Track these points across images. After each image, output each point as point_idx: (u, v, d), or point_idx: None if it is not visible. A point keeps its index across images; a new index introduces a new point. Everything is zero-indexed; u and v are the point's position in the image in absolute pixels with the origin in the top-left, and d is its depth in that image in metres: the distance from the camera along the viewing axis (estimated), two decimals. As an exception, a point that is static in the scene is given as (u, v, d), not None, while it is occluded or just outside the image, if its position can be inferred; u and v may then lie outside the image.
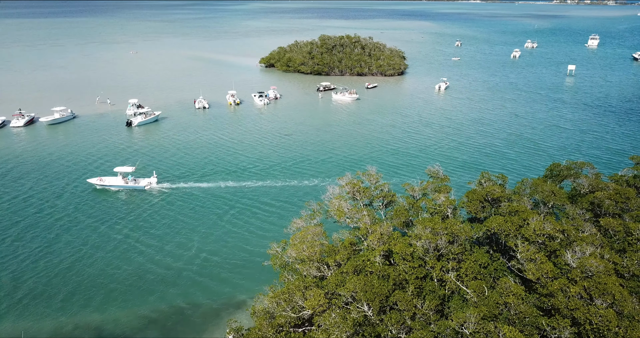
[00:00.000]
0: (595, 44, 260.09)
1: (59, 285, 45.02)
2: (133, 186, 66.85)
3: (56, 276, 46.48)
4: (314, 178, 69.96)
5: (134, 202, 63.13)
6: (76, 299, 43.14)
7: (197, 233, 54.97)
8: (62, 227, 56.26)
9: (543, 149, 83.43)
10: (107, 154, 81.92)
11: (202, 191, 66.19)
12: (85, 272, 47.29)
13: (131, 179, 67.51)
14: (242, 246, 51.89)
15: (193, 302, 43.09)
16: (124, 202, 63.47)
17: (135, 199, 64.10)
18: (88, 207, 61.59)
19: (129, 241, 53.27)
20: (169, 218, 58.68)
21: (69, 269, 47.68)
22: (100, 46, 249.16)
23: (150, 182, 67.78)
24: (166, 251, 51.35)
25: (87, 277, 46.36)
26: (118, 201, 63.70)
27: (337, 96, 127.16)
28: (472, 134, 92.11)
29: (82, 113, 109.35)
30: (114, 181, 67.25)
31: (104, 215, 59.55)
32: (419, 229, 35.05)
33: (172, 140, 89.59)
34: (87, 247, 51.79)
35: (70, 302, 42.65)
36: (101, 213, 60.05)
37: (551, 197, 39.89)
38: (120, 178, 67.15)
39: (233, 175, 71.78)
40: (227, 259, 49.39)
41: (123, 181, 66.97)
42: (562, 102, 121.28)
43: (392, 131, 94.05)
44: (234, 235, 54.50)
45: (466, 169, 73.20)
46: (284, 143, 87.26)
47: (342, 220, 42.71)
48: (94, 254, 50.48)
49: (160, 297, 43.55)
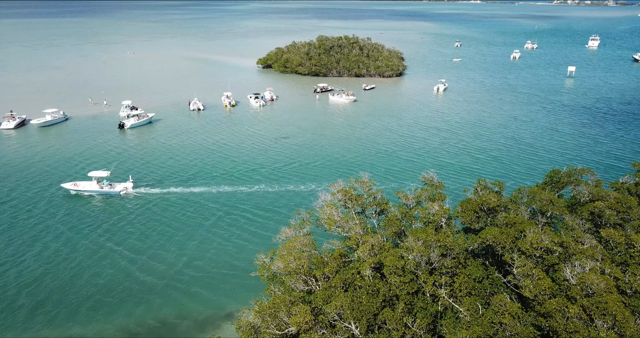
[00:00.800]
0: (595, 44, 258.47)
1: (29, 298, 42.94)
2: (108, 191, 64.75)
3: (27, 287, 44.50)
4: (308, 183, 68.27)
5: (110, 209, 60.99)
6: (44, 313, 41.36)
7: (179, 242, 52.93)
8: (34, 236, 53.85)
9: (542, 153, 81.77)
10: (94, 157, 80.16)
11: (186, 197, 64.04)
12: (54, 284, 45.03)
13: (106, 184, 65.41)
14: (228, 255, 50.05)
15: (176, 315, 41.43)
16: (99, 208, 61.29)
17: (111, 205, 61.91)
18: (61, 214, 59.38)
19: (102, 251, 51.03)
20: (149, 225, 56.50)
21: (39, 281, 45.43)
22: (97, 47, 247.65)
23: (126, 187, 65.63)
24: (145, 261, 49.19)
25: (56, 290, 44.14)
26: (93, 207, 61.50)
27: (334, 98, 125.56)
28: (469, 138, 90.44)
29: (75, 115, 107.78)
30: (88, 186, 65.08)
31: (78, 222, 57.38)
32: (410, 241, 33.42)
33: (163, 143, 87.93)
34: (59, 258, 49.44)
35: (39, 316, 40.88)
36: (75, 220, 57.85)
37: (549, 206, 38.26)
38: (95, 183, 64.96)
39: (222, 180, 69.93)
40: (212, 269, 47.51)
41: (98, 186, 64.83)
42: (561, 105, 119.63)
43: (388, 135, 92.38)
44: (220, 243, 52.59)
45: (463, 174, 71.55)
46: (278, 146, 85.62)
47: (332, 230, 41.07)
48: (67, 265, 48.11)
49: (141, 310, 41.80)
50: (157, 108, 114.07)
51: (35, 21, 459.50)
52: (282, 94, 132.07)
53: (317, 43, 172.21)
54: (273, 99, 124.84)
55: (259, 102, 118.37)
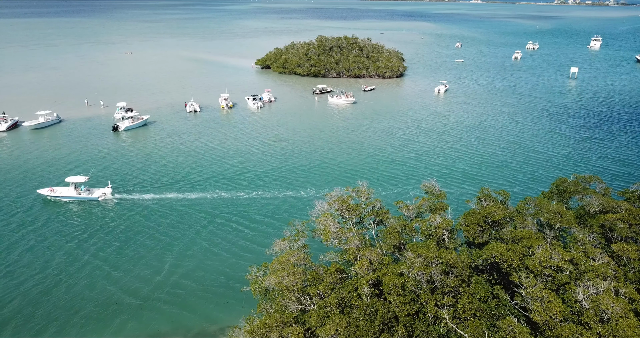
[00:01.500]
0: (597, 45, 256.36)
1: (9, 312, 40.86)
2: (86, 197, 62.30)
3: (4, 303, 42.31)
4: (305, 189, 66.14)
5: (89, 216, 58.39)
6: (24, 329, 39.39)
7: (166, 252, 50.27)
8: (7, 246, 51.00)
9: (545, 158, 79.61)
10: (83, 161, 77.83)
11: (174, 203, 61.60)
12: (29, 299, 42.45)
13: (84, 189, 62.97)
14: (220, 267, 47.63)
15: (166, 331, 39.34)
16: (77, 215, 58.69)
17: (90, 212, 59.31)
18: (36, 222, 56.64)
19: (79, 262, 48.01)
20: (131, 235, 53.85)
21: (15, 295, 43.00)
22: (94, 46, 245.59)
23: (104, 193, 63.10)
24: (129, 274, 46.42)
25: (35, 305, 41.76)
26: (70, 214, 58.88)
27: (333, 99, 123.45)
28: (471, 142, 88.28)
29: (69, 116, 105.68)
30: (65, 192, 62.61)
31: (54, 231, 54.47)
32: (411, 258, 31.37)
33: (156, 146, 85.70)
34: (34, 270, 46.61)
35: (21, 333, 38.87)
36: (50, 229, 54.94)
37: (558, 218, 36.19)
38: (72, 188, 62.57)
39: (214, 185, 67.60)
40: (203, 283, 45.10)
41: (75, 192, 62.42)
42: (564, 107, 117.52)
43: (388, 138, 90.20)
44: (211, 254, 50.07)
45: (465, 180, 69.41)
46: (276, 150, 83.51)
47: (328, 242, 39.06)
48: (43, 279, 45.32)
49: (124, 328, 39.69)
50: (153, 109, 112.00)
51: (34, 21, 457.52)
52: (280, 95, 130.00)
53: (316, 43, 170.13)
54: (271, 100, 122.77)
55: (256, 104, 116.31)
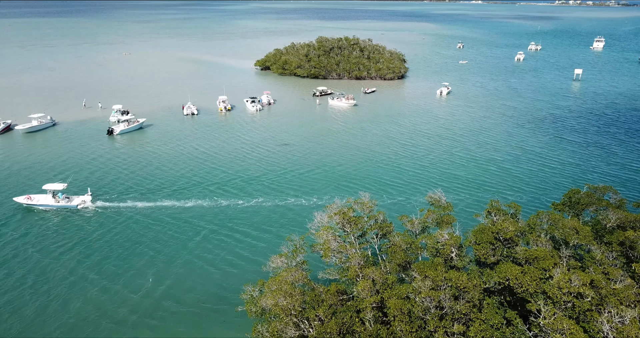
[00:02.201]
0: (600, 46, 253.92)
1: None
2: (64, 205, 59.72)
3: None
4: (304, 197, 63.68)
5: (67, 226, 55.56)
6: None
7: (152, 266, 47.31)
8: None
9: (551, 164, 77.07)
10: (72, 166, 75.21)
11: (162, 212, 58.77)
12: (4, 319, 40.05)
13: (62, 197, 60.40)
14: (212, 284, 44.72)
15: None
16: (55, 225, 55.84)
17: (68, 222, 56.54)
18: (9, 232, 53.90)
19: (52, 281, 44.50)
20: (113, 247, 50.48)
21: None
22: (92, 47, 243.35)
23: (83, 201, 60.46)
24: (108, 292, 43.03)
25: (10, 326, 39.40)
26: (47, 224, 56.01)
27: (334, 102, 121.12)
28: (474, 147, 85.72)
29: (65, 119, 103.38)
30: (43, 200, 60.01)
31: (27, 243, 51.51)
32: (417, 280, 29.04)
33: (149, 150, 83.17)
34: (4, 287, 43.77)
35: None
36: (23, 240, 51.97)
37: (573, 235, 33.86)
38: (50, 196, 60.02)
39: (207, 192, 64.83)
40: (192, 302, 42.24)
41: (53, 200, 59.89)
42: (568, 111, 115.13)
43: (389, 143, 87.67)
44: (203, 269, 47.06)
45: (470, 188, 66.94)
46: (274, 155, 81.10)
47: (328, 260, 36.74)
48: (10, 298, 42.30)
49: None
50: (149, 112, 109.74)
51: (32, 21, 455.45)
52: (280, 97, 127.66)
53: (316, 44, 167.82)
54: (270, 102, 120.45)
55: (255, 106, 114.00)
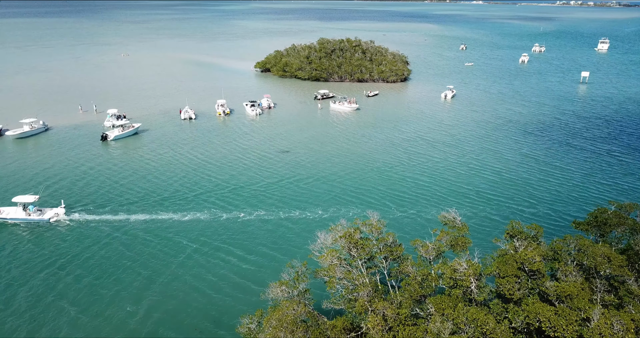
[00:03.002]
0: (605, 48, 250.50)
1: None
2: (35, 219, 56.05)
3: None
4: (306, 210, 60.25)
5: (37, 241, 51.70)
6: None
7: (129, 291, 43.19)
8: None
9: (564, 174, 73.60)
10: (59, 175, 71.59)
11: (146, 227, 54.93)
12: None
13: (34, 210, 56.81)
14: (206, 311, 41.22)
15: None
16: (26, 240, 52.02)
17: (41, 237, 52.63)
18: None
19: (13, 306, 40.83)
20: (90, 268, 46.26)
21: None
22: (91, 48, 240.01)
23: (57, 213, 57.00)
24: (82, 320, 39.30)
25: None
26: (16, 240, 52.10)
27: (336, 106, 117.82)
28: (481, 155, 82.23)
29: (58, 124, 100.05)
30: (13, 213, 56.45)
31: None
32: (436, 321, 25.72)
33: (143, 158, 79.68)
34: None
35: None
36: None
37: (606, 264, 30.54)
38: (20, 209, 56.53)
39: (202, 204, 61.15)
40: (185, 332, 38.77)
41: (24, 213, 56.40)
42: (576, 116, 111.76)
43: (394, 151, 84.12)
44: (195, 294, 43.08)
45: (481, 201, 63.50)
46: (274, 164, 77.68)
47: (334, 290, 33.43)
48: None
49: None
50: (146, 116, 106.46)
51: (31, 21, 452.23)
52: (280, 100, 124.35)
53: (317, 46, 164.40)
54: (270, 106, 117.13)
55: (255, 111, 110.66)
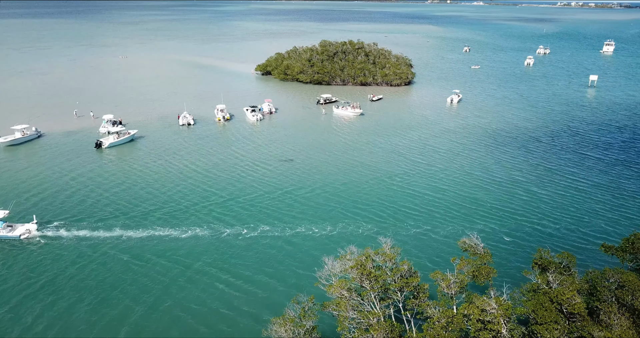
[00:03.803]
0: (610, 50, 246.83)
1: None
2: (5, 236, 52.49)
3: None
4: (310, 225, 56.38)
5: (6, 260, 48.02)
6: None
7: (102, 321, 39.38)
8: None
9: (579, 186, 69.68)
10: (46, 185, 67.94)
11: (131, 244, 51.18)
12: None
13: (3, 226, 53.24)
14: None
15: None
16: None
17: (10, 256, 48.90)
18: None
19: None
20: (64, 292, 42.46)
21: None
22: (89, 50, 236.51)
23: (28, 230, 53.43)
24: None
25: None
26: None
27: (339, 111, 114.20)
28: (493, 166, 78.34)
29: (52, 130, 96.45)
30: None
31: None
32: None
33: (136, 167, 75.88)
34: None
35: None
36: None
37: (654, 304, 26.93)
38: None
39: (194, 220, 57.20)
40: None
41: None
42: (586, 123, 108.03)
43: (400, 161, 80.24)
44: (183, 326, 38.92)
45: (496, 218, 59.62)
46: (275, 174, 73.98)
47: (345, 330, 29.87)
48: None
49: None
50: (142, 122, 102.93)
51: (30, 22, 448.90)
52: (281, 105, 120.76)
53: (319, 48, 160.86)
54: (272, 111, 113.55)
55: (256, 116, 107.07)
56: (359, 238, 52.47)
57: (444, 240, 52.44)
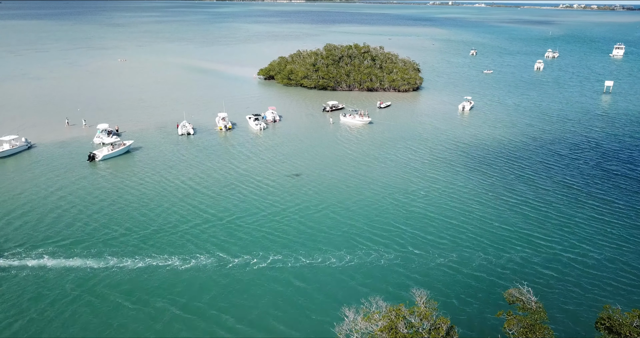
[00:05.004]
0: (620, 53, 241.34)
1: None
2: None
3: None
4: (325, 254, 50.83)
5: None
6: None
7: None
8: None
9: (614, 208, 64.11)
10: (27, 205, 62.25)
11: (115, 277, 45.77)
12: None
13: None
14: None
15: None
16: None
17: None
18: None
19: None
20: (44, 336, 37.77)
21: None
22: (87, 52, 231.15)
23: None
24: None
25: None
26: None
27: (347, 119, 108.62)
28: (514, 184, 71.93)
29: (44, 140, 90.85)
30: None
31: None
32: None
33: (129, 183, 70.14)
34: None
35: None
36: None
37: None
38: None
39: (183, 247, 51.64)
40: None
41: None
42: (606, 134, 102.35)
43: (414, 177, 74.15)
44: None
45: (529, 246, 53.95)
46: (282, 190, 68.29)
47: None
48: None
49: None
50: (140, 131, 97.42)
51: (29, 23, 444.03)
52: (286, 112, 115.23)
53: (324, 52, 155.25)
54: (276, 119, 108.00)
55: (259, 125, 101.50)
56: (380, 271, 46.90)
57: (475, 274, 46.70)
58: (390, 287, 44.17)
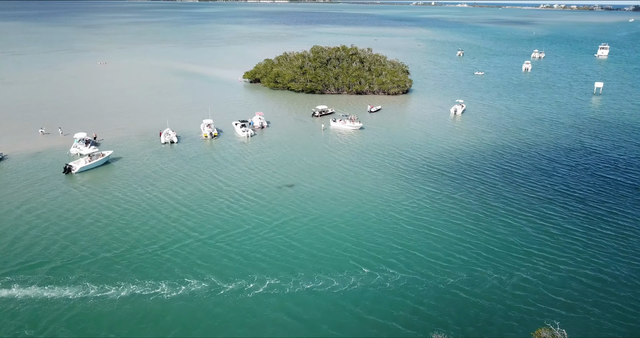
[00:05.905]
0: (605, 54, 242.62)
1: None
2: None
3: None
4: (326, 275, 47.19)
5: None
6: None
7: None
8: None
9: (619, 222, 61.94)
10: (2, 226, 57.55)
11: (84, 311, 41.42)
12: None
13: None
14: None
15: None
16: None
17: None
18: None
19: None
20: None
21: None
22: (66, 55, 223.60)
23: None
24: None
25: None
26: None
27: (337, 124, 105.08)
28: (511, 196, 68.66)
29: (16, 151, 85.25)
30: None
31: None
32: None
33: (109, 198, 65.33)
34: None
35: None
36: None
37: None
38: None
39: (166, 271, 47.72)
40: None
41: None
42: (601, 138, 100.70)
43: (410, 190, 70.67)
44: None
45: (540, 263, 51.24)
46: (273, 204, 64.30)
47: None
48: None
49: None
50: (120, 140, 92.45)
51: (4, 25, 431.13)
52: (273, 117, 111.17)
53: (312, 55, 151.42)
54: (263, 126, 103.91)
55: (246, 131, 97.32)
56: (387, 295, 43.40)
57: (485, 303, 43.41)
58: (401, 313, 40.75)
